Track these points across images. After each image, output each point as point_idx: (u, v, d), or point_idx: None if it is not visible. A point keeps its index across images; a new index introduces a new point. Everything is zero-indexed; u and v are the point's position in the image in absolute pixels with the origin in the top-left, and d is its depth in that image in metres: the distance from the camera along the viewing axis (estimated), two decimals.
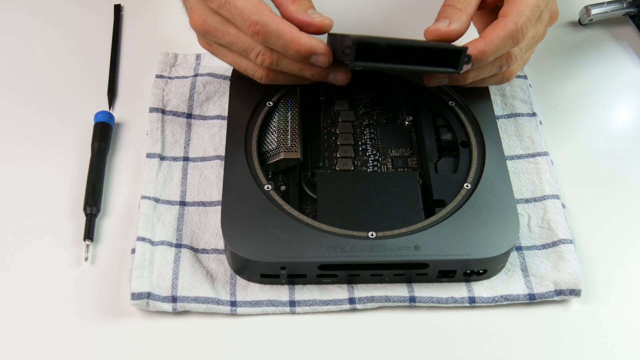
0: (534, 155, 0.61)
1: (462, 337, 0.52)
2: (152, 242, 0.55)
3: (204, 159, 0.60)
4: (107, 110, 0.64)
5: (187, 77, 0.66)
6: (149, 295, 0.52)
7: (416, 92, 0.62)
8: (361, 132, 0.62)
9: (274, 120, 0.59)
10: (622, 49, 0.71)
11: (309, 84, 0.59)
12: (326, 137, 0.61)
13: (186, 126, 0.63)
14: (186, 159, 0.60)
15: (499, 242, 0.52)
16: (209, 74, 0.65)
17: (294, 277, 0.53)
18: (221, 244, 0.56)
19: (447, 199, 0.55)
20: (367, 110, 0.63)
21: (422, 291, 0.53)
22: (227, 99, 0.62)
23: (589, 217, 0.59)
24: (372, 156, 0.60)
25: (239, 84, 0.61)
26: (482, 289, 0.54)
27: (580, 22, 0.73)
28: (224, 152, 0.57)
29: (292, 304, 0.53)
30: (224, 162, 0.56)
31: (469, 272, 0.53)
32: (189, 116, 0.63)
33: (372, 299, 0.53)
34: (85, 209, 0.57)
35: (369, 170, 0.59)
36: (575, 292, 0.53)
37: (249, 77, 0.58)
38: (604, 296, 0.54)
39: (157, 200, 0.57)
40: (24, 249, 0.56)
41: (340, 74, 0.57)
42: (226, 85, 0.64)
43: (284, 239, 0.52)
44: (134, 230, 0.56)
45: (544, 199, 0.58)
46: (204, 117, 0.63)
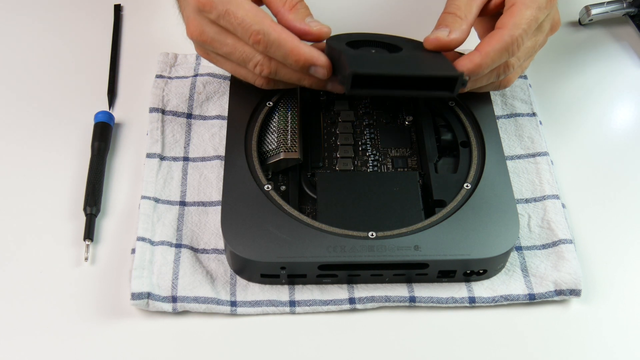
0: (534, 155, 0.61)
1: (462, 337, 0.52)
2: (152, 242, 0.55)
3: (204, 159, 0.60)
4: (107, 110, 0.64)
5: (187, 77, 0.66)
6: (149, 295, 0.52)
7: None
8: (361, 132, 0.62)
9: (274, 120, 0.59)
10: (622, 49, 0.71)
11: None
12: (326, 137, 0.61)
13: (186, 126, 0.63)
14: (186, 159, 0.60)
15: (499, 242, 0.52)
16: (209, 74, 0.65)
17: (294, 277, 0.53)
18: (221, 244, 0.56)
19: (447, 199, 0.55)
20: (367, 110, 0.63)
21: (422, 291, 0.53)
22: (227, 99, 0.62)
23: (589, 217, 0.59)
24: (372, 156, 0.60)
25: (239, 84, 0.60)
26: (482, 289, 0.54)
27: (580, 22, 0.73)
28: (224, 152, 0.57)
29: (292, 304, 0.53)
30: (224, 162, 0.56)
31: (469, 272, 0.53)
32: (189, 116, 0.63)
33: (372, 299, 0.53)
34: (85, 209, 0.57)
35: (369, 170, 0.59)
36: (575, 292, 0.53)
37: None
38: (604, 296, 0.54)
39: (157, 200, 0.57)
40: (24, 249, 0.56)
41: (338, 85, 0.57)
42: (226, 85, 0.64)
43: (284, 239, 0.52)
44: (134, 230, 0.56)
45: (544, 199, 0.58)
46: (204, 117, 0.63)
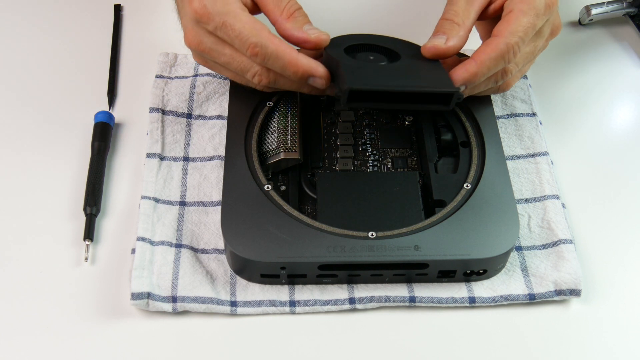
0: (534, 155, 0.61)
1: (462, 337, 0.52)
2: (152, 242, 0.55)
3: (204, 159, 0.60)
4: (107, 110, 0.64)
5: (187, 77, 0.66)
6: (149, 295, 0.52)
7: None
8: (361, 132, 0.62)
9: (274, 120, 0.59)
10: (622, 49, 0.71)
11: None
12: (326, 137, 0.61)
13: (186, 126, 0.63)
14: (186, 159, 0.60)
15: (499, 242, 0.52)
16: (209, 74, 0.65)
17: (294, 277, 0.53)
18: (221, 244, 0.56)
19: (447, 199, 0.55)
20: (367, 110, 0.63)
21: (422, 291, 0.53)
22: (227, 99, 0.62)
23: (589, 217, 0.59)
24: (372, 156, 0.60)
25: (239, 84, 0.60)
26: (482, 289, 0.54)
27: (580, 22, 0.73)
28: (224, 152, 0.57)
29: (292, 304, 0.53)
30: (224, 162, 0.56)
31: (469, 272, 0.53)
32: (189, 116, 0.63)
33: (372, 299, 0.53)
34: (85, 209, 0.57)
35: (369, 170, 0.59)
36: (575, 292, 0.53)
37: None
38: (604, 296, 0.54)
39: (157, 200, 0.57)
40: (24, 249, 0.56)
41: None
42: (226, 85, 0.64)
43: (284, 239, 0.52)
44: (134, 230, 0.56)
45: (544, 199, 0.58)
46: (204, 117, 0.63)
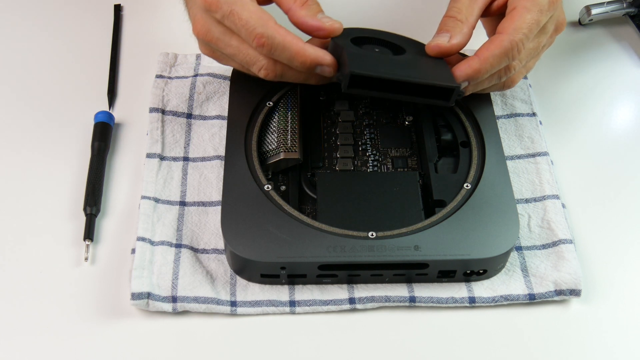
0: (534, 155, 0.61)
1: (462, 337, 0.52)
2: (152, 242, 0.55)
3: (204, 159, 0.60)
4: (107, 110, 0.64)
5: (187, 77, 0.66)
6: (149, 295, 0.52)
7: None
8: (361, 132, 0.62)
9: (274, 120, 0.59)
10: (622, 49, 0.71)
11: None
12: (326, 137, 0.61)
13: (186, 126, 0.63)
14: (186, 159, 0.60)
15: (499, 242, 0.52)
16: (209, 74, 0.65)
17: (294, 277, 0.53)
18: (221, 244, 0.56)
19: (447, 199, 0.55)
20: (367, 110, 0.63)
21: (422, 291, 0.53)
22: (227, 99, 0.62)
23: (589, 217, 0.59)
24: (372, 156, 0.60)
25: (239, 84, 0.61)
26: (482, 289, 0.54)
27: (580, 22, 0.73)
28: (224, 152, 0.57)
29: (292, 304, 0.53)
30: (224, 162, 0.56)
31: (469, 272, 0.53)
32: (189, 116, 0.63)
33: (372, 299, 0.53)
34: (85, 209, 0.57)
35: (369, 170, 0.59)
36: (575, 292, 0.53)
37: (250, 77, 0.58)
38: (604, 296, 0.54)
39: (157, 200, 0.57)
40: (24, 249, 0.56)
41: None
42: (226, 85, 0.64)
43: (284, 239, 0.52)
44: (134, 230, 0.56)
45: (544, 199, 0.58)
46: (204, 117, 0.63)
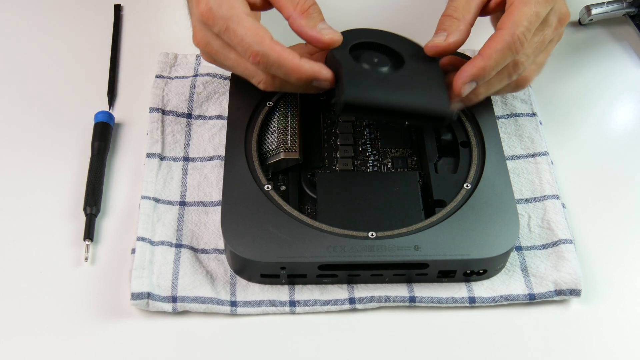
0: (534, 155, 0.61)
1: (462, 337, 0.52)
2: (152, 242, 0.55)
3: (204, 159, 0.60)
4: (107, 110, 0.64)
5: (187, 77, 0.66)
6: (149, 295, 0.52)
7: None
8: (361, 132, 0.62)
9: (274, 120, 0.59)
10: (622, 49, 0.71)
11: None
12: (326, 137, 0.61)
13: (186, 126, 0.63)
14: (186, 159, 0.60)
15: (499, 242, 0.52)
16: (209, 74, 0.65)
17: (294, 277, 0.53)
18: (221, 244, 0.56)
19: (447, 199, 0.55)
20: None
21: (422, 291, 0.53)
22: (227, 99, 0.62)
23: (589, 217, 0.59)
24: (372, 156, 0.60)
25: (239, 84, 0.60)
26: (482, 289, 0.54)
27: (580, 22, 0.73)
28: (224, 152, 0.57)
29: (292, 304, 0.53)
30: (224, 162, 0.56)
31: (469, 272, 0.53)
32: (189, 116, 0.63)
33: (372, 299, 0.53)
34: (85, 209, 0.57)
35: (369, 170, 0.59)
36: (575, 292, 0.53)
37: None
38: (604, 296, 0.54)
39: (157, 200, 0.57)
40: (24, 249, 0.56)
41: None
42: (226, 85, 0.64)
43: (284, 239, 0.52)
44: (134, 230, 0.56)
45: (544, 199, 0.58)
46: (204, 117, 0.63)
